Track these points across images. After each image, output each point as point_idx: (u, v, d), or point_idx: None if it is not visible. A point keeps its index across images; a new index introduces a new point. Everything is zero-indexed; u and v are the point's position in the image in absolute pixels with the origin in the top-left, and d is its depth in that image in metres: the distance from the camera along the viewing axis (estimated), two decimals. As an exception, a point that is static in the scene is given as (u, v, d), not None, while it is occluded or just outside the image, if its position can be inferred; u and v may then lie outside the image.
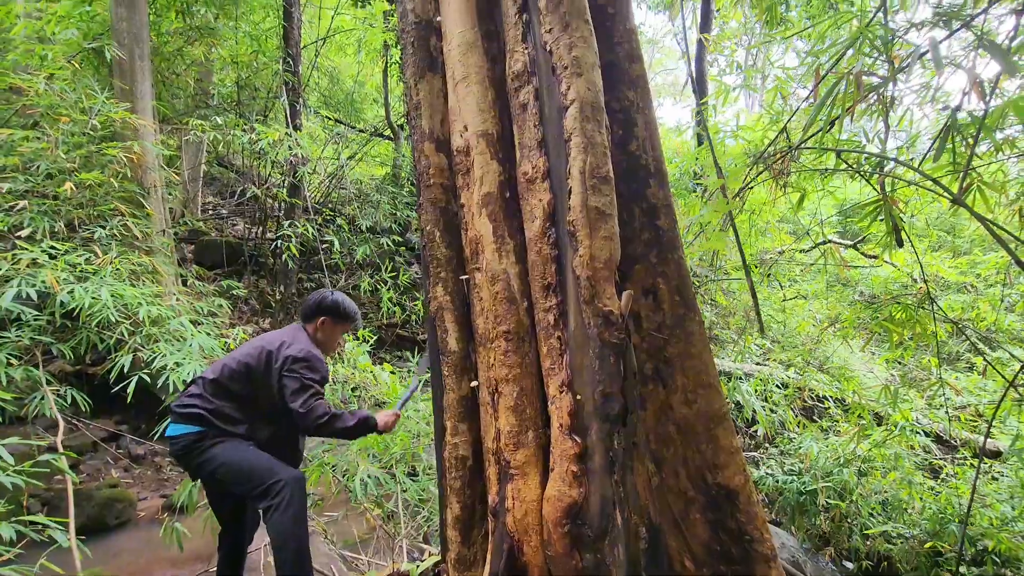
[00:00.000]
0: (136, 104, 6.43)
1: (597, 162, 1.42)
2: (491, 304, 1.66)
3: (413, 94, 1.87)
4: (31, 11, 7.36)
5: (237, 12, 7.33)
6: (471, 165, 1.71)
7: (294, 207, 7.07)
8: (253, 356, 2.47)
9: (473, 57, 1.67)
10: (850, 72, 2.43)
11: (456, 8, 1.68)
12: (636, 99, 1.70)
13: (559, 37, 1.47)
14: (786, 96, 3.50)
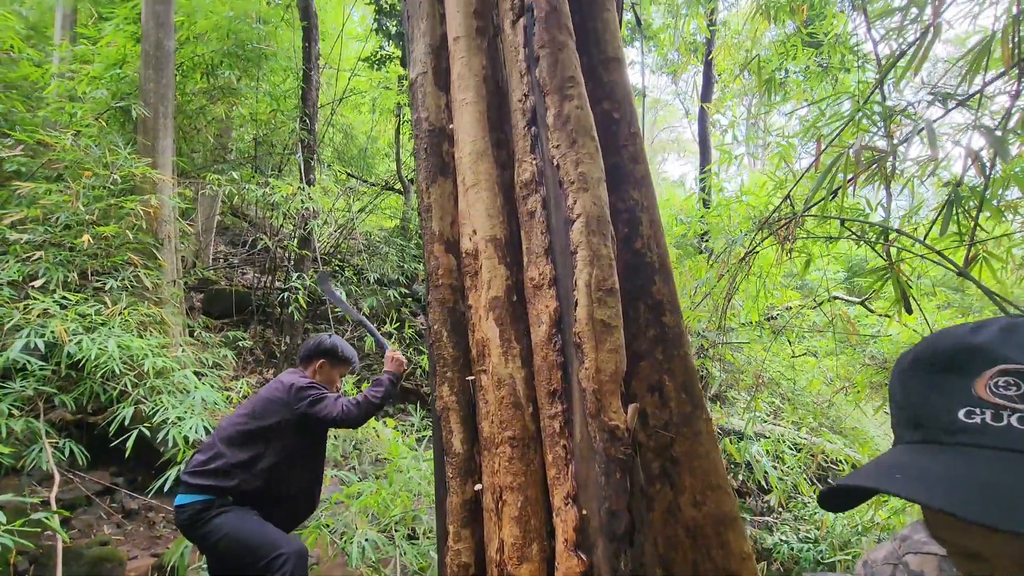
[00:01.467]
0: (157, 159, 6.66)
1: (603, 275, 1.44)
2: (496, 408, 1.65)
3: (425, 196, 1.93)
4: (64, 71, 7.77)
5: (259, 74, 7.69)
6: (479, 268, 1.74)
7: (303, 258, 7.17)
8: (259, 407, 2.50)
9: (483, 165, 1.74)
10: (850, 148, 2.49)
11: (468, 119, 1.75)
12: (640, 199, 1.75)
13: (566, 153, 1.52)
14: (790, 162, 3.58)
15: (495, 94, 1.69)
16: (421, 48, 1.82)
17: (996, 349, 0.52)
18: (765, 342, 6.40)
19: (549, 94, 1.50)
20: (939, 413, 0.54)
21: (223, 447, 2.42)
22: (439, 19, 1.79)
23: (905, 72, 2.81)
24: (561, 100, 1.49)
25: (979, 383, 0.52)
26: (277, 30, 7.94)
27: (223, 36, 7.29)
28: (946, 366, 0.55)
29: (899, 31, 2.92)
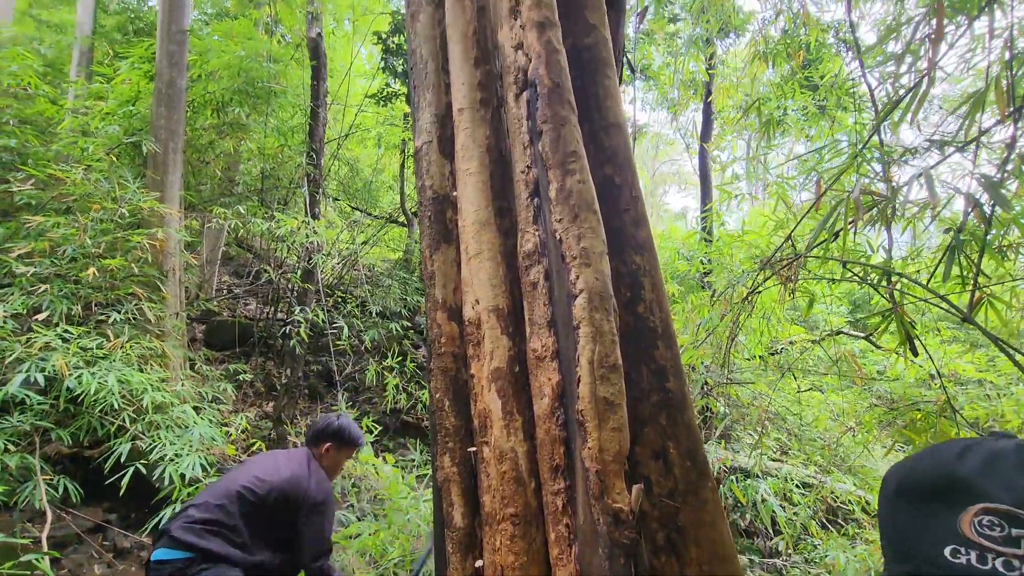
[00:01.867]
0: (165, 193, 6.76)
1: (605, 351, 1.44)
2: (498, 483, 1.62)
3: (428, 264, 1.95)
4: (79, 107, 7.96)
5: (268, 110, 7.86)
6: (482, 338, 1.74)
7: (307, 291, 7.20)
8: (264, 489, 2.43)
9: (486, 234, 1.75)
10: (850, 192, 2.50)
11: (472, 188, 1.77)
12: (643, 263, 1.75)
13: (568, 227, 1.53)
14: (788, 204, 3.61)
15: (498, 163, 1.71)
16: (427, 117, 1.85)
17: (980, 484, 0.53)
18: (770, 377, 6.33)
19: (552, 168, 1.52)
20: (926, 548, 0.55)
21: (222, 514, 2.37)
22: (444, 89, 1.82)
23: (903, 118, 2.85)
24: (563, 175, 1.50)
25: (964, 519, 0.52)
26: (287, 68, 8.15)
27: (234, 74, 7.48)
28: (931, 496, 0.56)
29: (895, 76, 2.97)
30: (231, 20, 9.19)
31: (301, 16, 8.60)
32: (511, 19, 1.48)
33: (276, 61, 7.77)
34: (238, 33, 8.32)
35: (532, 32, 1.45)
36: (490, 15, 1.60)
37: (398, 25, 8.30)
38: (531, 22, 1.43)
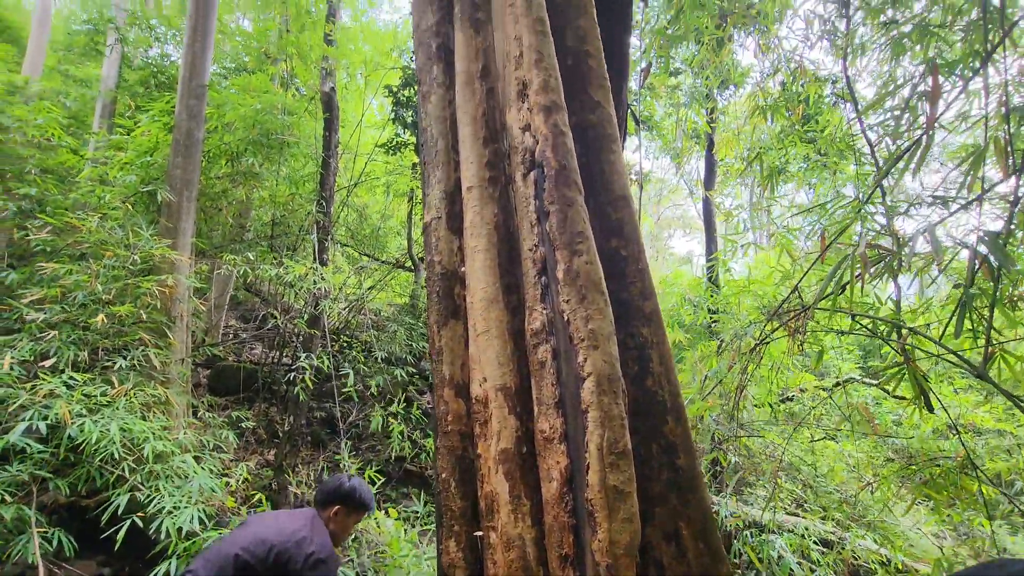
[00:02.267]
0: (177, 240, 6.88)
1: (615, 436, 1.42)
2: (505, 571, 1.57)
3: (436, 339, 1.96)
4: (99, 157, 8.23)
5: (280, 159, 8.09)
6: (489, 417, 1.72)
7: (312, 336, 7.20)
8: (263, 549, 2.34)
9: (494, 312, 1.76)
10: (855, 247, 2.50)
11: (480, 265, 1.79)
12: (650, 335, 1.75)
13: (576, 309, 1.54)
14: (792, 255, 3.62)
15: (506, 241, 1.73)
16: (436, 194, 1.89)
17: None
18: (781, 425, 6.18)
19: (559, 249, 1.54)
20: None
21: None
22: (454, 166, 1.86)
23: (903, 173, 2.87)
24: (571, 255, 1.52)
25: None
26: (300, 120, 8.43)
27: (249, 126, 7.74)
28: None
29: (895, 133, 3.02)
30: (249, 74, 9.60)
31: (316, 71, 8.96)
32: (519, 102, 1.52)
33: (290, 113, 8.05)
34: (255, 87, 8.67)
35: (539, 116, 1.49)
36: (499, 97, 1.65)
37: (408, 79, 8.62)
38: (538, 106, 1.47)
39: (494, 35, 1.63)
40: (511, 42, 1.52)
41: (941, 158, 9.38)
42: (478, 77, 1.62)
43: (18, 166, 7.62)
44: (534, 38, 1.47)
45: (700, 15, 4.35)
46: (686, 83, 10.70)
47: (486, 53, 1.63)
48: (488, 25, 1.64)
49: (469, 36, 1.64)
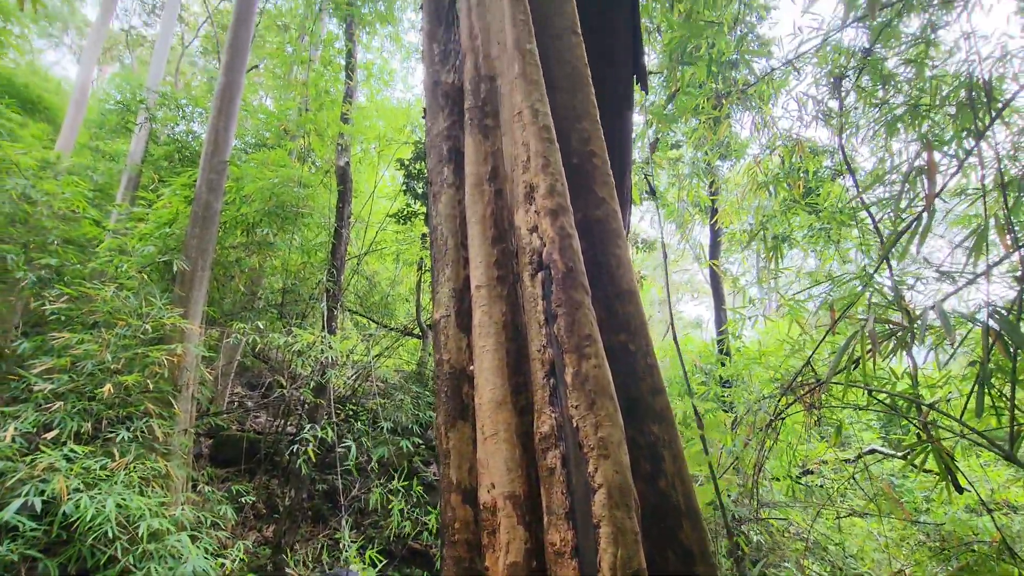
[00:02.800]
0: (189, 309, 6.97)
1: (628, 554, 1.38)
2: None
3: (444, 441, 1.94)
4: (120, 228, 8.50)
5: (294, 229, 8.32)
6: (497, 527, 1.68)
7: (318, 406, 7.10)
8: None
9: (502, 414, 1.76)
10: (864, 325, 2.48)
11: (488, 365, 1.80)
12: (661, 433, 1.73)
13: (585, 415, 1.54)
14: (803, 328, 3.59)
15: (514, 340, 1.74)
16: (446, 291, 1.93)
17: None
18: (804, 504, 5.88)
19: (567, 352, 1.54)
20: None
21: None
22: (463, 263, 1.91)
23: (907, 248, 2.89)
24: (579, 359, 1.52)
25: None
26: (315, 192, 8.74)
27: (266, 198, 8.02)
28: None
29: (896, 209, 3.05)
30: (268, 149, 10.07)
31: (332, 147, 9.39)
32: (526, 204, 1.58)
33: (306, 186, 8.36)
34: (274, 161, 9.06)
35: (546, 219, 1.54)
36: (507, 197, 1.71)
37: (419, 153, 9.00)
38: (545, 209, 1.53)
39: (502, 139, 1.71)
40: (519, 147, 1.60)
41: (944, 224, 9.46)
42: (487, 179, 1.69)
43: (42, 237, 7.88)
44: (541, 145, 1.54)
45: (696, 95, 4.57)
46: (687, 154, 11.08)
47: (495, 156, 1.70)
48: (497, 130, 1.73)
49: (478, 141, 1.73)
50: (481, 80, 1.75)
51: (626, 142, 2.63)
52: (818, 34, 3.86)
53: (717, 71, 4.23)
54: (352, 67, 9.80)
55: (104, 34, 15.70)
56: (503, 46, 1.69)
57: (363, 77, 11.89)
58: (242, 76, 8.20)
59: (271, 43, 15.07)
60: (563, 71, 1.81)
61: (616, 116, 2.53)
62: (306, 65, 10.69)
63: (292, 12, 13.84)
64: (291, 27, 13.40)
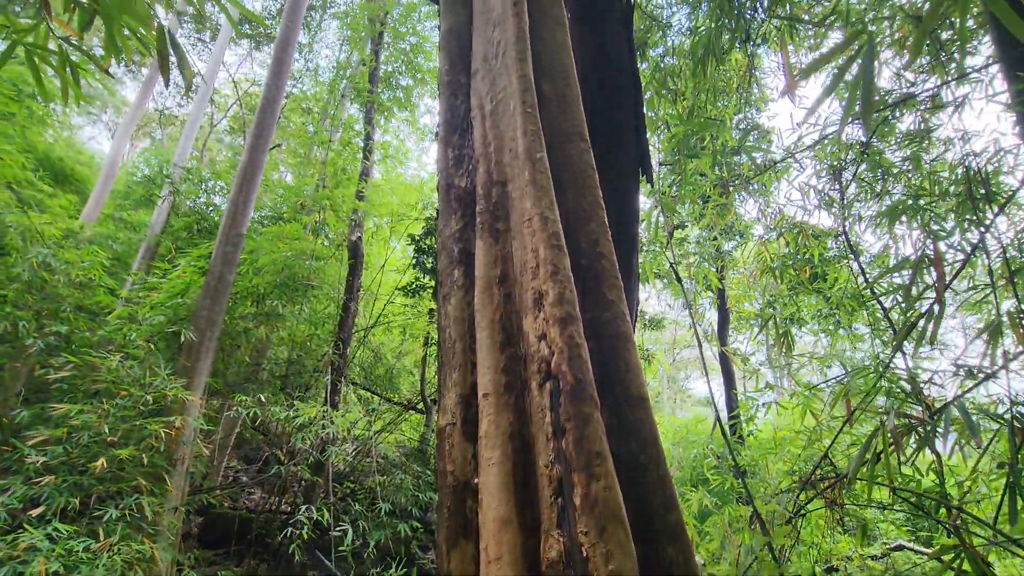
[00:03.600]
0: (192, 380, 6.91)
1: None
2: None
3: (445, 562, 1.86)
4: (133, 297, 8.63)
5: (303, 301, 8.40)
6: None
7: (315, 485, 6.84)
8: None
9: (507, 534, 1.68)
10: (884, 421, 2.40)
11: (494, 480, 1.74)
12: (676, 555, 1.63)
13: (595, 543, 1.47)
14: (817, 416, 3.49)
15: (522, 452, 1.69)
16: (452, 397, 1.90)
17: None
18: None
19: (576, 471, 1.49)
20: None
21: None
22: (470, 368, 1.90)
23: (920, 341, 2.85)
24: (588, 479, 1.47)
25: None
26: (326, 265, 8.91)
27: (278, 270, 8.17)
28: None
29: (908, 301, 3.04)
30: (284, 223, 10.38)
31: (346, 221, 9.68)
32: (535, 310, 1.59)
33: (318, 259, 8.53)
34: (288, 234, 9.32)
35: (555, 328, 1.54)
36: (516, 301, 1.72)
37: (429, 229, 9.24)
38: (554, 317, 1.53)
39: (512, 243, 1.75)
40: (528, 253, 1.63)
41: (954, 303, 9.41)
42: (497, 283, 1.71)
43: (56, 304, 7.99)
44: (550, 252, 1.57)
45: (702, 182, 4.73)
46: (693, 233, 11.30)
47: (504, 260, 1.74)
48: (507, 234, 1.77)
49: (489, 244, 1.77)
50: (493, 185, 1.82)
51: (632, 224, 2.68)
52: (816, 129, 4.04)
53: (721, 159, 4.40)
54: (369, 148, 10.30)
55: (140, 113, 16.74)
56: (514, 153, 1.77)
57: (379, 156, 12.47)
58: (264, 156, 8.62)
59: (295, 123, 15.97)
60: (571, 174, 1.88)
61: (623, 197, 2.61)
62: (326, 145, 11.25)
63: (317, 96, 14.77)
64: (314, 110, 14.24)
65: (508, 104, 1.85)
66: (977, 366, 2.61)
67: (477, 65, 2.06)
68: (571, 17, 2.99)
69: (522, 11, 2.00)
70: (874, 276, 4.52)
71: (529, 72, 1.89)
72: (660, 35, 5.18)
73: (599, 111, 2.61)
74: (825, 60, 1.81)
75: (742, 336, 9.54)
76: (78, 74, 2.35)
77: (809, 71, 1.82)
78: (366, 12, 11.09)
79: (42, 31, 2.45)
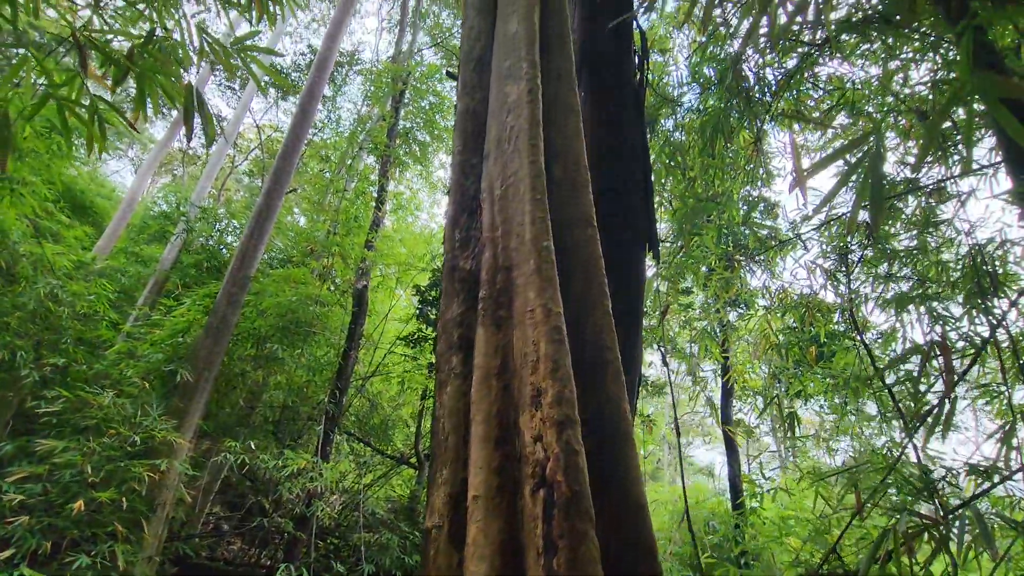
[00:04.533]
0: (184, 421, 6.79)
1: None
2: None
3: None
4: (135, 332, 8.61)
5: (303, 346, 8.34)
6: None
7: (297, 540, 6.56)
8: None
9: None
10: (894, 525, 2.29)
11: None
12: None
13: None
14: (829, 501, 3.35)
15: (512, 564, 1.60)
16: (441, 496, 1.81)
17: None
18: None
19: None
20: None
21: None
22: (462, 464, 1.81)
23: (930, 435, 2.76)
24: None
25: None
26: (330, 311, 8.91)
27: (282, 314, 8.17)
28: None
29: (915, 390, 2.97)
30: (292, 266, 10.48)
31: (353, 268, 9.76)
32: (532, 408, 1.54)
33: (322, 304, 8.54)
34: (295, 278, 9.38)
35: (552, 431, 1.49)
36: (514, 394, 1.68)
37: (435, 280, 9.28)
38: (551, 420, 1.48)
39: (514, 332, 1.73)
40: (529, 345, 1.61)
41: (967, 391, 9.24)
42: (495, 374, 1.67)
43: (57, 335, 7.98)
44: (551, 347, 1.54)
45: (707, 254, 4.78)
46: (699, 298, 11.29)
47: (505, 349, 1.71)
48: (510, 322, 1.76)
49: (490, 332, 1.75)
50: (498, 270, 1.81)
51: (636, 302, 2.67)
52: (822, 211, 4.10)
53: (727, 233, 4.44)
54: (382, 199, 10.52)
55: (164, 152, 17.32)
56: (521, 239, 1.78)
57: (391, 206, 12.72)
58: (279, 201, 8.80)
59: (312, 169, 16.42)
60: (578, 259, 1.89)
61: (628, 276, 2.61)
62: (340, 194, 11.51)
63: (336, 145, 15.24)
64: (332, 158, 14.67)
65: (518, 189, 1.88)
66: (991, 466, 2.52)
67: (490, 147, 2.11)
68: (584, 96, 3.10)
69: (536, 99, 2.07)
70: (880, 355, 4.46)
71: (540, 159, 1.94)
72: (670, 110, 5.37)
73: (607, 191, 2.66)
74: (832, 159, 1.85)
75: (747, 406, 9.35)
76: (105, 128, 2.43)
77: (817, 169, 1.86)
78: (390, 72, 11.61)
79: (76, 84, 2.56)
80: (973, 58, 3.05)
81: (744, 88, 4.20)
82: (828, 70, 5.59)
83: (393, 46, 14.45)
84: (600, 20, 3.44)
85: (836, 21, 3.94)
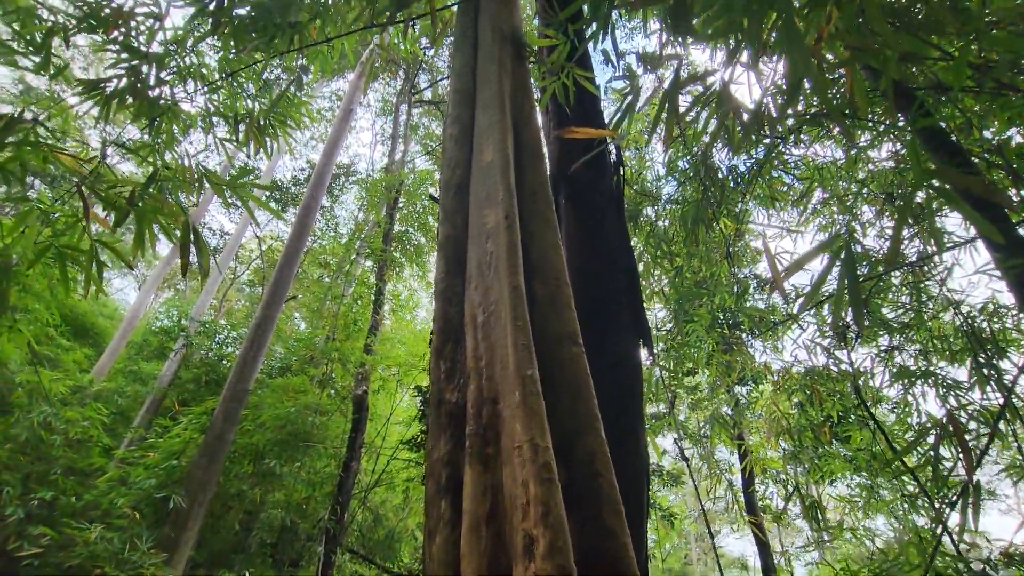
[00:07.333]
0: (175, 554, 6.38)
1: None
2: None
3: None
4: (128, 457, 8.33)
5: (303, 459, 8.05)
6: None
7: None
8: None
9: None
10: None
11: None
12: None
13: None
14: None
15: None
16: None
17: None
18: None
19: None
20: None
21: None
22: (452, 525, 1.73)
23: (964, 524, 2.61)
24: None
25: None
26: (330, 419, 8.70)
27: (280, 426, 7.96)
28: None
29: (937, 475, 2.85)
30: (291, 375, 10.37)
31: (353, 374, 9.66)
32: (525, 559, 1.45)
33: (322, 413, 8.35)
34: (294, 387, 9.25)
35: None
36: (506, 540, 1.59)
37: (437, 380, 9.16)
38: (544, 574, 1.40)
39: (504, 470, 1.68)
40: (518, 487, 1.55)
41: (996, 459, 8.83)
42: (485, 521, 1.59)
43: (47, 466, 7.71)
44: (540, 488, 1.48)
45: (706, 340, 4.77)
46: (704, 375, 11.08)
47: (494, 491, 1.64)
48: (498, 459, 1.71)
49: (478, 472, 1.69)
50: (484, 404, 1.80)
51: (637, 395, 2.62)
52: (812, 288, 4.12)
53: (721, 320, 4.47)
54: (380, 302, 10.65)
55: (167, 269, 17.76)
56: (505, 367, 1.78)
57: (390, 306, 12.85)
58: (278, 312, 8.90)
59: (311, 276, 16.76)
60: (564, 379, 1.88)
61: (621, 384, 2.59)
62: (339, 299, 11.67)
63: (334, 251, 15.68)
64: (331, 263, 15.04)
65: (499, 315, 1.90)
66: None
67: (471, 273, 2.17)
68: (563, 205, 3.25)
69: (514, 223, 2.17)
70: (897, 430, 4.29)
71: (521, 283, 1.98)
72: (650, 204, 5.61)
73: (591, 298, 2.71)
74: (806, 260, 1.91)
75: (772, 488, 8.87)
76: (103, 272, 2.51)
77: (792, 271, 1.91)
78: (384, 181, 12.22)
79: (78, 229, 2.67)
80: (930, 144, 3.22)
81: (719, 178, 4.41)
82: (799, 152, 5.91)
83: (387, 156, 15.31)
84: (573, 133, 3.68)
85: (794, 114, 4.21)
